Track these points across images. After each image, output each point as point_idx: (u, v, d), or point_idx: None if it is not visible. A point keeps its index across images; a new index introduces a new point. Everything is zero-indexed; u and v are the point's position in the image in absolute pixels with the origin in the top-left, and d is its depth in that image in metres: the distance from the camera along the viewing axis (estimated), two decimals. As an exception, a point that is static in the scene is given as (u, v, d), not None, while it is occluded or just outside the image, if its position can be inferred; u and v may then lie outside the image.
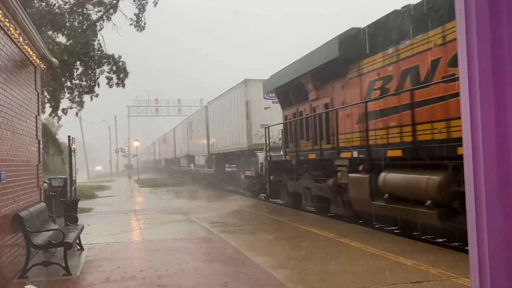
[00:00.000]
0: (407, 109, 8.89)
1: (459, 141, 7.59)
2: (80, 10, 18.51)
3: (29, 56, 8.38)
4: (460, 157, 7.31)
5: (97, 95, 19.30)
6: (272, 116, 18.52)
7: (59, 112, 19.51)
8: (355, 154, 10.62)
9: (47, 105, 18.85)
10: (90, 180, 54.63)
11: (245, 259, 7.62)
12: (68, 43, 17.91)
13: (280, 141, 16.31)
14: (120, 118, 76.79)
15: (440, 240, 8.92)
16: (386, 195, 9.40)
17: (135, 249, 9.19)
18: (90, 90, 19.02)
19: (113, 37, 19.96)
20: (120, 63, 18.61)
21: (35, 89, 9.07)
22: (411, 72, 9.08)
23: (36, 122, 8.98)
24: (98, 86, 19.04)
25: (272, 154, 16.36)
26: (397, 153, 9.11)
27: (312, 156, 12.96)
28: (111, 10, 19.04)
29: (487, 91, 1.29)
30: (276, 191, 16.32)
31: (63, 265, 7.00)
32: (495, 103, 1.28)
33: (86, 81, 18.80)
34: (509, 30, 1.26)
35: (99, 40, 19.02)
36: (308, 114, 13.51)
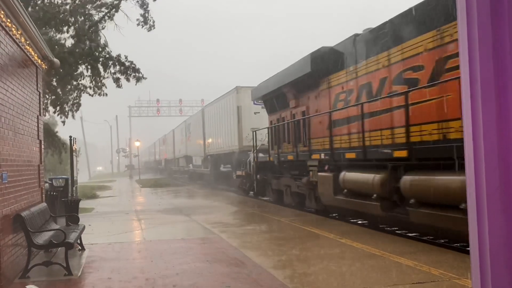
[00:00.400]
0: (361, 118, 10.36)
1: (396, 146, 9.23)
2: (82, 10, 18.50)
3: (30, 56, 8.40)
4: (396, 159, 9.24)
5: (106, 94, 19.25)
6: (261, 120, 19.46)
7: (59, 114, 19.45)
8: (322, 156, 12.40)
9: (51, 105, 18.84)
10: (91, 180, 54.72)
11: (246, 260, 7.62)
12: (70, 43, 17.91)
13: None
14: (121, 119, 76.94)
15: (442, 241, 8.93)
16: (345, 190, 11.15)
17: (136, 249, 9.19)
18: (98, 91, 19.00)
19: (114, 37, 19.98)
20: (128, 63, 18.55)
21: (37, 89, 9.08)
22: (366, 87, 10.64)
23: (38, 122, 8.99)
24: (106, 87, 19.03)
25: (261, 155, 17.88)
26: (352, 155, 10.80)
27: (290, 157, 14.74)
28: (113, 10, 19.03)
29: (489, 92, 1.29)
30: (262, 188, 17.95)
31: (64, 265, 7.00)
32: (496, 103, 1.28)
33: (91, 82, 18.79)
34: (510, 31, 1.26)
35: (104, 41, 19.00)
36: (288, 120, 15.19)
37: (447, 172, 7.81)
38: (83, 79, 18.56)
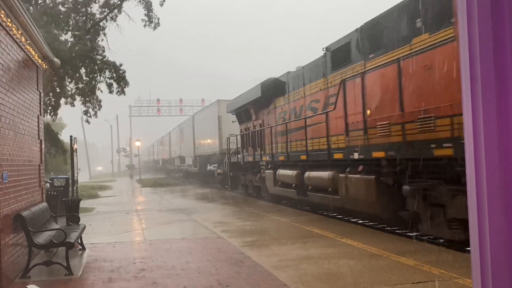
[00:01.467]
0: (286, 133, 15.02)
1: (303, 152, 13.55)
2: (83, 10, 18.51)
3: (31, 56, 8.40)
4: (303, 161, 13.67)
5: (100, 107, 19.55)
6: (237, 128, 22.82)
7: (66, 113, 19.62)
8: (268, 158, 17.01)
9: (53, 105, 18.89)
10: (92, 180, 54.72)
11: (247, 259, 7.62)
12: (71, 42, 17.90)
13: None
14: (122, 118, 76.93)
15: (442, 240, 8.93)
16: (280, 182, 15.77)
17: (137, 249, 9.19)
18: (91, 95, 19.12)
19: (116, 36, 20.01)
20: (121, 71, 18.71)
21: (37, 89, 9.08)
22: (293, 110, 14.88)
23: (38, 122, 8.99)
24: (101, 91, 19.19)
25: (239, 156, 21.69)
26: (282, 158, 15.44)
27: (250, 159, 19.37)
28: (115, 11, 19.04)
29: (489, 91, 1.29)
30: (235, 183, 22.32)
31: (65, 264, 7.01)
32: (497, 102, 1.28)
33: (87, 85, 18.87)
34: (511, 30, 1.26)
35: (102, 40, 19.00)
36: (250, 130, 19.61)
37: (323, 169, 12.29)
38: (80, 80, 18.61)
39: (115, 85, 18.87)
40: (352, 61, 10.77)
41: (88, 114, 20.16)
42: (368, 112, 9.72)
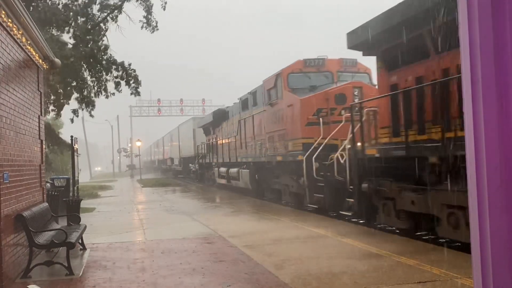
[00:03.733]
0: (221, 146, 24.67)
1: (229, 157, 23.32)
2: (85, 10, 18.53)
3: (32, 56, 8.40)
4: (228, 163, 23.95)
5: (113, 94, 19.62)
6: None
7: (67, 113, 19.69)
8: (215, 160, 26.12)
9: (53, 105, 18.90)
10: (93, 180, 54.74)
11: (247, 259, 7.62)
12: (73, 43, 17.91)
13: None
14: (122, 118, 76.98)
15: (443, 240, 8.92)
16: (220, 175, 24.75)
17: (138, 249, 9.19)
18: (98, 94, 19.21)
19: (116, 37, 20.01)
20: (131, 71, 18.75)
21: (38, 89, 9.09)
22: (229, 131, 23.21)
23: (39, 122, 8.99)
24: (106, 92, 19.25)
25: (204, 159, 31.04)
26: (221, 160, 24.64)
27: (208, 161, 28.83)
28: (116, 11, 19.07)
29: (490, 90, 1.29)
30: (202, 178, 32.24)
31: (66, 264, 7.02)
32: (497, 102, 1.28)
33: (94, 85, 18.93)
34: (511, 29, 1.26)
35: (103, 41, 19.02)
36: (210, 142, 28.62)
37: (236, 167, 21.40)
38: (86, 82, 18.66)
39: (122, 84, 18.94)
40: (248, 108, 19.62)
41: (77, 114, 20.11)
42: (250, 137, 19.13)
